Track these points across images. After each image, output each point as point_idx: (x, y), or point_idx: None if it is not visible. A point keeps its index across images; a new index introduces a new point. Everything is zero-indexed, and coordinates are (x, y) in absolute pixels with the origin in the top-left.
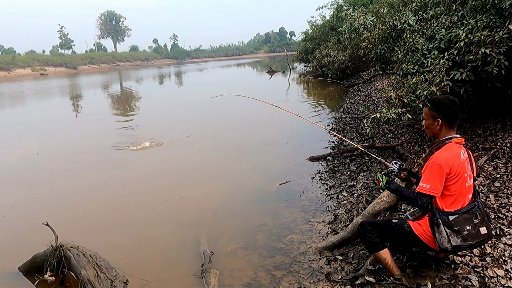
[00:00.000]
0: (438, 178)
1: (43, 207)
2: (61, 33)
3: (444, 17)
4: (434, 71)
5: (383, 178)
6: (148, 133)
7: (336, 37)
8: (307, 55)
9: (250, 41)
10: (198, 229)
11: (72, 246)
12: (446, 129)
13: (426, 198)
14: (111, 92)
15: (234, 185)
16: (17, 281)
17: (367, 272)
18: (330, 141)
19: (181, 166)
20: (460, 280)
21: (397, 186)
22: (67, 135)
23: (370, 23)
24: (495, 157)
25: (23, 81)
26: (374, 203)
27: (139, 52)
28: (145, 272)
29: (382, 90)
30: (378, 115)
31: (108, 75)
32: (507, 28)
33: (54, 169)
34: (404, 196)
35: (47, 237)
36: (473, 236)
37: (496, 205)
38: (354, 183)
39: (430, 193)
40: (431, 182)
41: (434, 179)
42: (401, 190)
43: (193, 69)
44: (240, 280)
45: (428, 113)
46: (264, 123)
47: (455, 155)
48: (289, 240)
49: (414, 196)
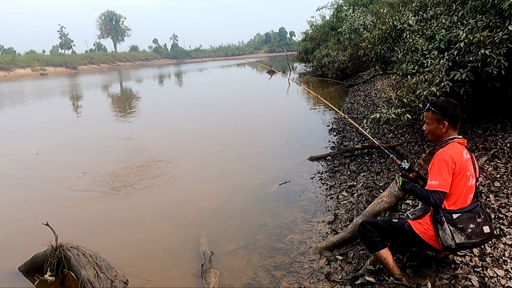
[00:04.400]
0: (446, 173)
1: (43, 207)
2: (61, 33)
3: (444, 17)
4: (434, 71)
5: (400, 179)
6: (147, 132)
7: (336, 37)
8: (307, 55)
9: (250, 41)
10: (198, 229)
11: (72, 246)
12: (451, 130)
13: (437, 195)
14: (111, 92)
15: (234, 185)
16: (17, 281)
17: (367, 272)
18: (330, 141)
19: (181, 166)
20: (460, 280)
21: (412, 186)
22: (71, 135)
23: (370, 23)
24: (495, 157)
25: (23, 81)
26: (374, 203)
27: (139, 52)
28: (145, 272)
29: (382, 90)
30: (378, 115)
31: (108, 75)
32: (506, 29)
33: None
34: (418, 195)
35: (47, 237)
36: (476, 234)
37: (496, 205)
38: (354, 183)
39: (440, 189)
40: (439, 178)
41: (442, 174)
42: (415, 190)
43: (193, 69)
44: (240, 280)
45: (432, 117)
46: (264, 123)
47: (458, 152)
48: (289, 240)
49: (426, 194)
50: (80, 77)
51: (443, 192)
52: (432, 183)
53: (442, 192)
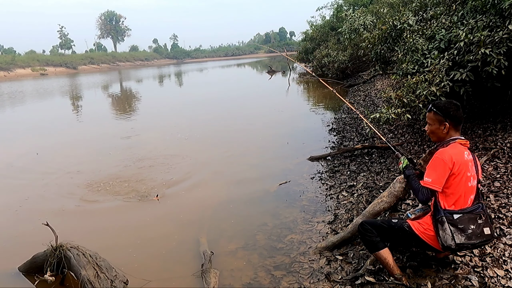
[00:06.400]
0: (441, 173)
1: (44, 207)
2: (61, 33)
3: (444, 17)
4: (434, 71)
5: (405, 161)
6: (147, 132)
7: (336, 37)
8: (307, 55)
9: (250, 41)
10: (198, 229)
11: (72, 246)
12: (452, 132)
13: (427, 192)
14: (111, 92)
15: (234, 185)
16: (17, 281)
17: (367, 272)
18: (330, 141)
19: (181, 165)
20: (460, 280)
21: (411, 173)
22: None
23: (370, 23)
24: (495, 157)
25: (23, 81)
26: (374, 203)
27: (139, 52)
28: (145, 272)
29: (382, 90)
30: (377, 115)
31: (108, 75)
32: (507, 28)
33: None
34: (411, 185)
35: (47, 237)
36: (477, 235)
37: (496, 205)
38: (354, 183)
39: (432, 187)
40: (433, 176)
41: (436, 173)
42: (412, 178)
43: (193, 69)
44: (240, 280)
45: (434, 118)
46: (264, 123)
47: (459, 152)
48: (289, 240)
49: (418, 187)
50: (80, 77)
51: (434, 190)
52: (426, 179)
53: (433, 190)
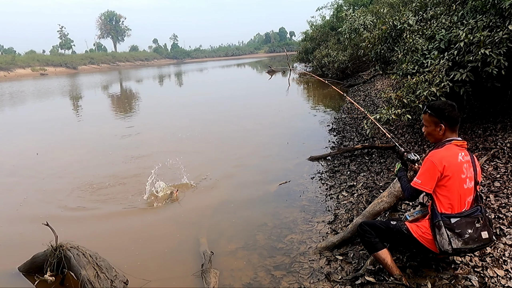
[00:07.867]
0: (430, 175)
1: (44, 207)
2: (61, 33)
3: (444, 17)
4: (434, 71)
5: (398, 165)
6: (147, 132)
7: (336, 37)
8: (307, 55)
9: (250, 41)
10: (198, 229)
11: (72, 246)
12: (448, 133)
13: (414, 191)
14: (111, 92)
15: (234, 185)
16: (17, 281)
17: (367, 272)
18: (330, 141)
19: (181, 165)
20: (460, 280)
21: (402, 175)
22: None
23: (370, 23)
24: (495, 157)
25: (23, 81)
26: (374, 203)
27: (139, 52)
28: (145, 272)
29: (382, 90)
30: (378, 116)
31: (108, 75)
32: (507, 29)
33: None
34: (401, 184)
35: (47, 237)
36: (474, 239)
37: (496, 205)
38: (354, 183)
39: (420, 187)
40: (422, 178)
41: (426, 175)
42: (402, 179)
43: (193, 69)
44: (240, 280)
45: (429, 119)
46: (264, 122)
47: (451, 155)
48: (289, 240)
49: (406, 187)
50: (80, 77)
51: (421, 191)
52: (416, 180)
53: (421, 191)
